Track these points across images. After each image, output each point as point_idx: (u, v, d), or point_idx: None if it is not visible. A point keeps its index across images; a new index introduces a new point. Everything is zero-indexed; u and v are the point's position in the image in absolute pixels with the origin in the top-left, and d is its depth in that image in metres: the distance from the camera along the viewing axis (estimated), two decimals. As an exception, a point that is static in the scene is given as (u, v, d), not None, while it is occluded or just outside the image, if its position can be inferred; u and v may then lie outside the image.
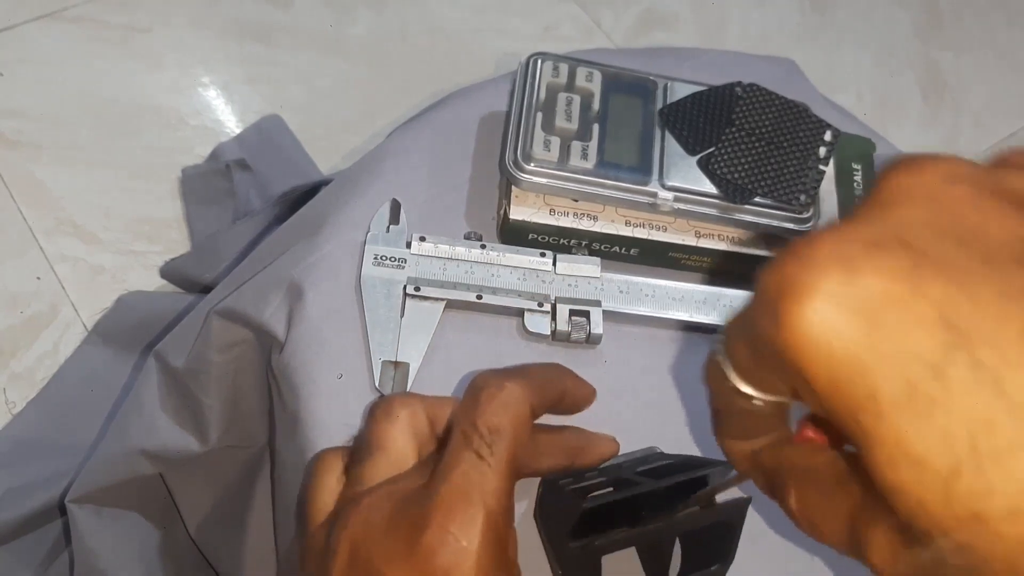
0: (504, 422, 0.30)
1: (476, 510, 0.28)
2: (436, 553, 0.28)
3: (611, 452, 0.38)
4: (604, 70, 0.46)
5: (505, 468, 0.29)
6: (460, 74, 1.06)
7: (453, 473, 0.29)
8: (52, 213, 0.91)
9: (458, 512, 0.28)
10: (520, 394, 0.31)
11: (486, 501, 0.28)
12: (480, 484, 0.29)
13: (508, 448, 0.30)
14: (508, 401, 0.31)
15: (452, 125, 0.48)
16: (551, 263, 0.43)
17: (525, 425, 0.31)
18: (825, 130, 0.45)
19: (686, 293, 0.43)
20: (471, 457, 0.29)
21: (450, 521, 0.28)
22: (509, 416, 0.30)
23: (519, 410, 0.31)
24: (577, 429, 0.37)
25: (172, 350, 0.49)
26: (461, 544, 0.28)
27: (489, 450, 0.29)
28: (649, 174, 0.43)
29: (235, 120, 1.01)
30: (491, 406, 0.30)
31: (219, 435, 0.48)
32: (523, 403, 0.31)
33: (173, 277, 0.89)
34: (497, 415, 0.30)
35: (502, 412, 0.30)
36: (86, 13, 1.05)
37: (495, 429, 0.30)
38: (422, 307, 0.41)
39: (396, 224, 0.43)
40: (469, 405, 0.31)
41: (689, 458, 0.38)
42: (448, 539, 0.28)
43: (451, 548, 0.28)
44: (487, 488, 0.29)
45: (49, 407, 0.80)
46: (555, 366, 0.36)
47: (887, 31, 1.30)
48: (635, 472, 0.36)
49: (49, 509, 0.69)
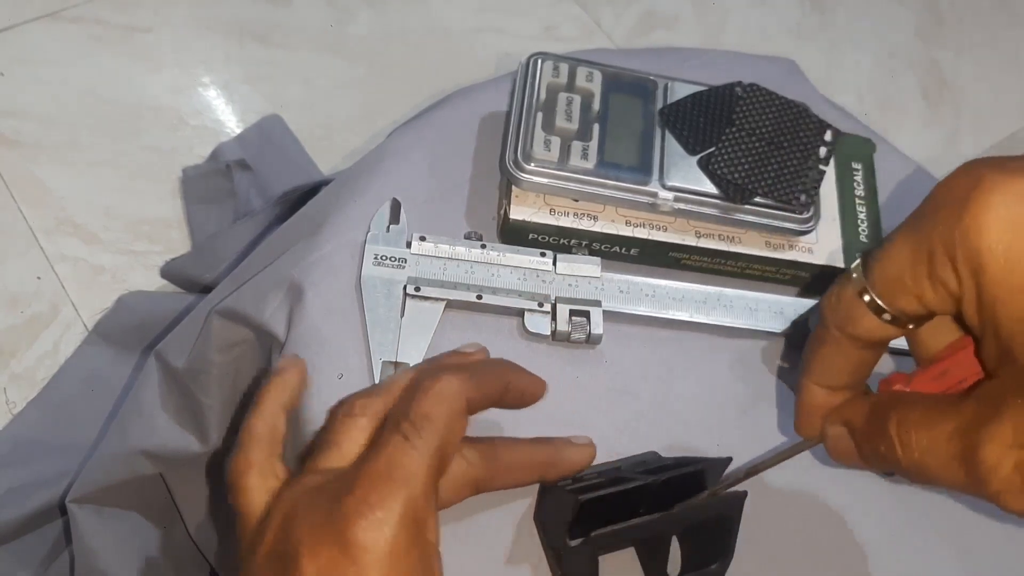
0: (436, 411, 0.31)
1: (396, 487, 0.29)
2: (351, 523, 0.28)
3: (585, 460, 0.38)
4: (604, 70, 0.46)
5: (430, 454, 0.30)
6: (460, 74, 1.06)
7: (379, 454, 0.30)
8: (52, 213, 0.91)
9: (377, 488, 0.29)
10: (456, 386, 0.32)
11: (407, 481, 0.29)
12: (403, 465, 0.30)
13: (436, 435, 0.31)
14: (443, 392, 0.32)
15: (452, 125, 0.48)
16: (551, 263, 0.43)
17: (458, 416, 0.32)
18: (825, 130, 0.45)
19: (686, 293, 0.43)
20: (398, 440, 0.30)
21: (369, 495, 0.29)
22: (442, 406, 0.31)
23: (453, 402, 0.32)
24: (547, 441, 0.38)
25: (172, 350, 0.49)
26: (376, 515, 0.28)
27: (417, 434, 0.30)
28: (649, 174, 0.43)
29: (235, 120, 1.01)
30: (425, 396, 0.31)
31: (219, 435, 0.48)
32: (458, 396, 0.32)
33: (173, 277, 0.89)
34: (429, 404, 0.31)
35: (435, 401, 0.31)
36: (86, 13, 1.05)
37: (424, 416, 0.31)
38: (422, 307, 0.41)
39: (396, 224, 0.43)
40: (406, 394, 0.32)
41: (686, 458, 0.38)
42: (364, 510, 0.29)
43: (367, 520, 0.28)
44: (409, 469, 0.30)
45: (49, 407, 0.80)
46: (499, 361, 0.37)
47: (887, 31, 1.30)
48: (637, 472, 0.36)
49: (49, 509, 0.69)
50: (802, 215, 0.44)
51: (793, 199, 0.43)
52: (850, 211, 0.47)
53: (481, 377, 0.34)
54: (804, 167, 0.44)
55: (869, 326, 0.27)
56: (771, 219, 0.44)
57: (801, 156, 0.44)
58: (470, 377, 0.33)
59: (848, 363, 0.29)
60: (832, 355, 0.29)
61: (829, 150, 0.45)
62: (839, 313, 0.27)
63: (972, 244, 0.23)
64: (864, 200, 0.48)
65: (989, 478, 0.23)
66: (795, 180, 0.44)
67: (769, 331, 0.44)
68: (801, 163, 0.44)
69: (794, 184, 0.44)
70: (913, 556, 0.40)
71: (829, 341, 0.28)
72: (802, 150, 0.44)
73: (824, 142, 0.45)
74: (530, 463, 0.37)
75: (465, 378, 0.32)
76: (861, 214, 0.47)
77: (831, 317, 0.28)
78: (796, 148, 0.44)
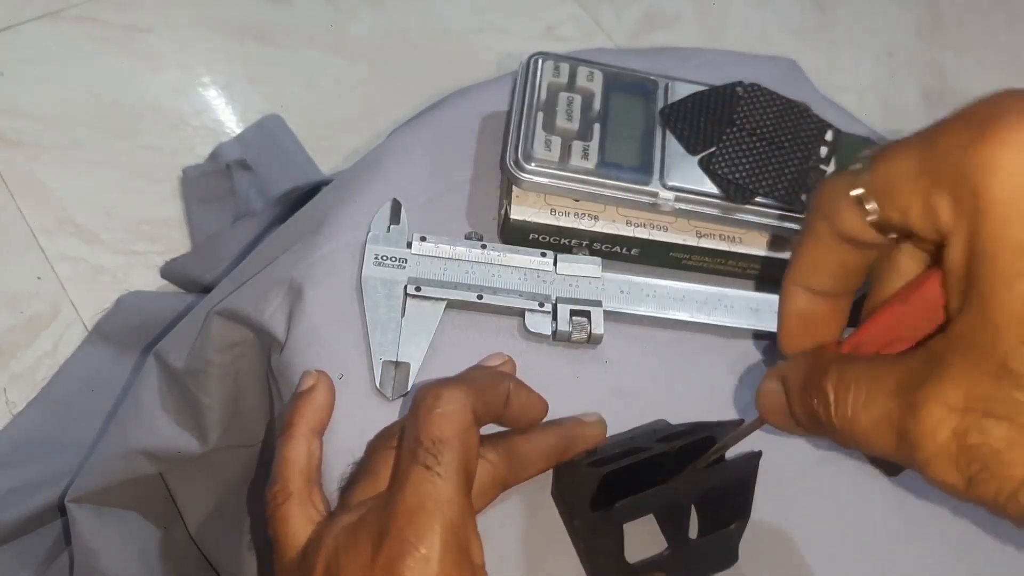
0: (446, 431, 0.30)
1: (432, 520, 0.29)
2: (396, 563, 0.28)
3: (598, 436, 0.38)
4: (605, 70, 0.46)
5: (456, 476, 0.30)
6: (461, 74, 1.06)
7: (405, 488, 0.30)
8: (53, 213, 0.91)
9: (415, 523, 0.29)
10: (459, 401, 0.31)
11: (442, 510, 0.29)
12: (433, 495, 0.29)
13: (456, 456, 0.30)
14: (447, 410, 0.31)
15: (453, 125, 0.48)
16: (552, 263, 0.43)
17: (469, 431, 0.31)
18: (826, 130, 0.45)
19: (687, 293, 0.43)
20: (419, 470, 0.30)
21: (408, 532, 0.28)
22: (451, 425, 0.31)
23: (460, 417, 0.31)
24: (559, 424, 0.38)
25: (172, 350, 0.49)
26: (421, 552, 0.28)
27: (436, 460, 0.30)
28: (650, 174, 0.43)
29: (236, 120, 1.01)
30: (431, 417, 0.31)
31: (219, 435, 0.48)
32: (463, 410, 0.31)
33: (173, 277, 0.89)
34: (438, 425, 0.30)
35: (443, 422, 0.31)
36: (87, 13, 1.05)
37: (439, 439, 0.30)
38: (423, 307, 0.41)
39: (397, 224, 0.43)
40: (411, 420, 0.32)
41: (696, 424, 0.38)
42: (407, 548, 0.28)
43: (412, 558, 0.28)
44: (441, 498, 0.29)
45: (49, 407, 0.80)
46: (495, 371, 0.37)
47: (888, 31, 1.30)
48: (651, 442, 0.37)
49: (49, 509, 0.69)
50: (803, 215, 0.44)
51: (794, 199, 0.43)
52: (851, 211, 0.47)
53: (481, 388, 0.33)
54: (805, 167, 0.44)
55: (850, 221, 0.24)
56: (772, 219, 0.44)
57: (802, 156, 0.44)
58: (468, 387, 0.32)
59: (829, 260, 0.26)
60: (813, 249, 0.26)
61: (830, 150, 0.45)
62: (825, 199, 0.25)
63: (978, 181, 0.20)
64: (865, 200, 0.48)
65: (921, 443, 0.21)
66: (796, 180, 0.44)
67: (770, 331, 0.44)
68: (802, 163, 0.44)
69: (795, 184, 0.44)
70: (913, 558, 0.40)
71: (812, 233, 0.26)
72: (803, 150, 0.44)
73: (825, 142, 0.45)
74: (548, 450, 0.37)
75: (465, 391, 0.32)
76: (862, 214, 0.47)
77: (817, 203, 0.25)
78: (797, 148, 0.44)
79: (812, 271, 0.27)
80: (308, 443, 0.35)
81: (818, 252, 0.26)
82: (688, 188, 0.43)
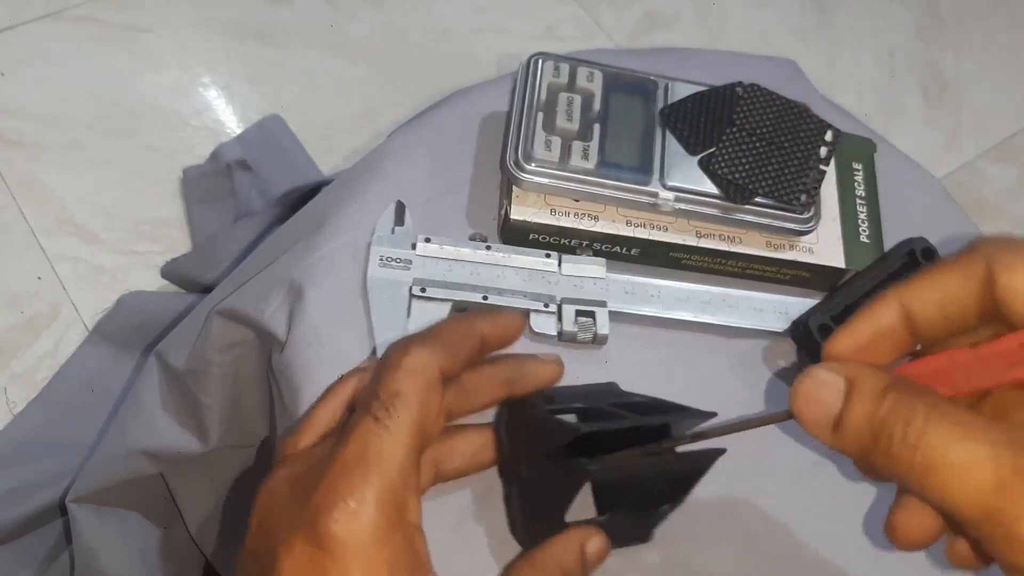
0: (406, 387, 0.29)
1: (369, 473, 0.28)
2: (323, 515, 0.27)
3: (552, 376, 0.36)
4: (605, 70, 0.46)
5: (405, 432, 0.29)
6: (461, 74, 1.06)
7: (350, 439, 0.29)
8: (53, 213, 0.91)
9: (349, 475, 0.28)
10: (425, 358, 0.30)
11: (381, 465, 0.28)
12: (376, 448, 0.28)
13: (409, 412, 0.29)
14: (412, 366, 0.30)
15: (453, 125, 0.48)
16: (556, 264, 0.43)
17: (431, 389, 0.30)
18: (826, 130, 0.45)
19: (691, 294, 0.43)
20: (368, 422, 0.29)
21: (340, 484, 0.27)
22: (411, 381, 0.30)
23: (424, 375, 0.30)
24: (511, 358, 0.36)
25: (173, 350, 0.49)
26: (349, 506, 0.27)
27: (388, 414, 0.29)
28: (650, 174, 0.43)
29: (236, 120, 1.02)
30: (394, 373, 0.30)
31: (219, 435, 0.48)
32: (429, 367, 0.30)
33: (174, 277, 0.89)
34: (398, 381, 0.30)
35: (405, 377, 0.30)
36: (87, 13, 1.05)
37: (395, 394, 0.29)
38: (428, 308, 0.41)
39: (401, 226, 0.43)
40: (375, 373, 0.31)
41: (654, 400, 0.37)
42: (336, 501, 0.27)
43: (340, 510, 0.27)
44: (382, 452, 0.28)
45: (50, 407, 0.80)
46: (466, 317, 0.35)
47: (888, 31, 1.30)
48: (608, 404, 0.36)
49: (49, 509, 0.69)
50: (803, 215, 0.44)
51: (794, 199, 0.44)
52: (851, 211, 0.47)
53: (451, 340, 0.32)
54: (805, 167, 0.44)
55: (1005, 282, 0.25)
56: (772, 219, 0.44)
57: (802, 156, 0.44)
58: (439, 343, 0.31)
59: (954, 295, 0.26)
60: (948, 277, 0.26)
61: (830, 150, 0.45)
62: (997, 248, 0.25)
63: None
64: (865, 200, 0.48)
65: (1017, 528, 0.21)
66: (796, 180, 0.44)
67: (773, 331, 0.44)
68: (802, 163, 0.44)
69: (795, 184, 0.44)
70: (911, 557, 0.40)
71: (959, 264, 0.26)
72: (803, 150, 0.44)
73: (825, 142, 0.45)
74: (498, 383, 0.35)
75: (434, 346, 0.31)
76: (862, 214, 0.47)
77: (984, 245, 0.25)
78: (797, 148, 0.44)
79: (929, 294, 0.27)
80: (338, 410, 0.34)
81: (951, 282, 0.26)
82: (688, 188, 0.43)
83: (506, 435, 0.36)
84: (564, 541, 0.33)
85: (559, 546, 0.33)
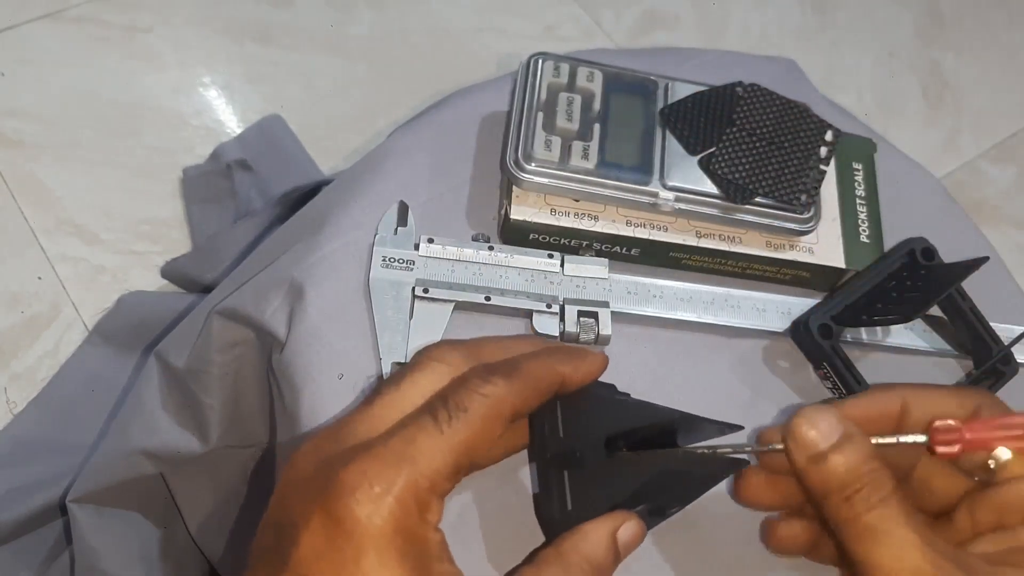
0: (476, 409, 0.29)
1: (403, 466, 0.27)
2: (347, 493, 0.27)
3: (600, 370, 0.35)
4: (605, 70, 0.46)
5: (456, 444, 0.28)
6: (461, 74, 1.06)
7: (403, 431, 0.29)
8: (53, 213, 0.91)
9: (384, 463, 0.27)
10: (503, 394, 0.30)
11: (416, 461, 0.28)
12: (421, 446, 0.28)
13: (467, 429, 0.29)
14: (488, 394, 0.30)
15: (453, 125, 0.48)
16: (559, 265, 0.43)
17: (495, 422, 0.30)
18: (826, 130, 0.45)
19: (694, 294, 0.43)
20: (426, 421, 0.29)
21: (372, 467, 0.27)
22: (484, 408, 0.30)
23: (497, 408, 0.30)
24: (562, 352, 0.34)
25: (173, 350, 0.49)
26: (374, 490, 0.27)
27: (447, 422, 0.29)
28: (650, 174, 0.43)
29: (236, 120, 1.02)
30: (470, 393, 0.30)
31: (220, 435, 0.48)
32: (503, 404, 0.30)
33: (174, 277, 0.89)
34: (471, 401, 0.30)
35: (478, 401, 0.30)
36: (87, 13, 1.05)
37: (463, 409, 0.29)
38: (431, 308, 0.41)
39: (404, 226, 0.43)
40: (452, 385, 0.31)
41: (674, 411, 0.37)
42: (362, 482, 0.27)
43: (363, 492, 0.27)
44: (426, 454, 0.28)
45: (50, 407, 0.80)
46: (553, 356, 0.33)
47: (887, 31, 1.30)
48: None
49: (50, 509, 0.69)
50: (803, 215, 0.44)
51: (794, 199, 0.44)
52: (851, 211, 0.47)
53: (532, 380, 0.32)
54: (805, 167, 0.44)
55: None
56: (772, 219, 0.44)
57: (802, 156, 0.44)
58: (521, 383, 0.31)
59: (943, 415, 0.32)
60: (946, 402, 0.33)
61: (830, 150, 0.45)
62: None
63: None
64: (865, 200, 0.48)
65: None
66: (796, 180, 0.44)
67: (774, 331, 0.44)
68: (802, 163, 0.44)
69: (795, 184, 0.44)
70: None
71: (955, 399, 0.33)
72: (803, 150, 0.44)
73: (825, 142, 0.45)
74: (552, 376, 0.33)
75: (514, 384, 0.31)
76: (862, 214, 0.47)
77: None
78: (797, 148, 0.44)
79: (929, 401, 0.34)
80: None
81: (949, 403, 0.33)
82: (688, 188, 0.43)
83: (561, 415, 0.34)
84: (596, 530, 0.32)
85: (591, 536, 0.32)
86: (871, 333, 0.44)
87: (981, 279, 0.44)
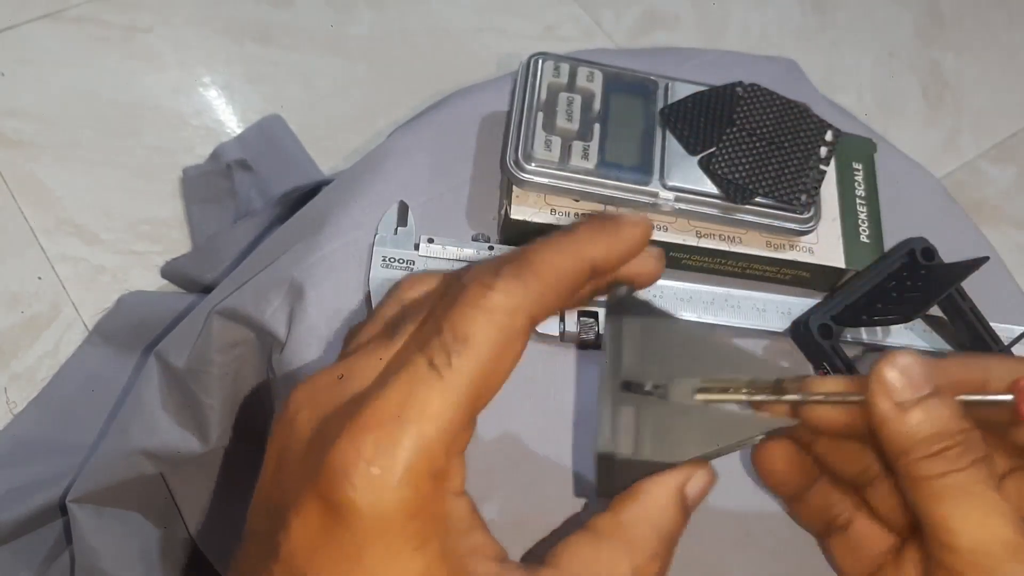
0: (481, 333, 0.23)
1: (403, 433, 0.22)
2: (340, 478, 0.21)
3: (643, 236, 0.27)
4: (605, 70, 0.46)
5: (463, 388, 0.22)
6: (461, 74, 1.06)
7: (394, 381, 0.23)
8: (53, 213, 0.91)
9: (378, 432, 0.22)
10: (515, 301, 0.23)
11: (421, 425, 0.22)
12: (421, 402, 0.22)
13: (476, 366, 0.23)
14: (495, 307, 0.23)
15: (453, 125, 0.48)
16: (555, 263, 0.43)
17: (513, 340, 0.23)
18: (826, 130, 0.45)
19: (693, 294, 0.43)
20: (419, 365, 0.23)
21: (365, 441, 0.22)
22: (492, 328, 0.23)
23: (510, 321, 0.23)
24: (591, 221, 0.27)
25: (173, 350, 0.49)
26: (372, 472, 0.21)
27: (446, 362, 0.22)
28: (650, 174, 0.43)
29: (236, 120, 1.02)
30: (470, 309, 0.23)
31: (220, 435, 0.48)
32: (517, 314, 0.23)
33: (174, 277, 0.89)
34: (474, 322, 0.23)
35: (483, 320, 0.23)
36: (87, 13, 1.05)
37: (464, 338, 0.23)
38: (427, 308, 0.41)
39: (404, 226, 0.43)
40: (447, 298, 0.24)
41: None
42: (357, 462, 0.21)
43: (359, 475, 0.21)
44: (427, 409, 0.22)
45: (50, 407, 0.80)
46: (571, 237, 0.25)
47: (887, 31, 1.30)
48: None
49: (50, 509, 0.69)
50: (803, 215, 0.44)
51: (794, 199, 0.44)
52: (851, 211, 0.47)
53: (552, 275, 0.24)
54: (805, 167, 0.44)
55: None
56: (772, 219, 0.44)
57: (802, 156, 0.44)
58: (536, 280, 0.24)
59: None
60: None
61: (830, 150, 0.45)
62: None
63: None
64: (865, 200, 0.48)
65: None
66: (796, 180, 0.44)
67: (774, 331, 0.44)
68: (802, 163, 0.44)
69: (795, 184, 0.44)
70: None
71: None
72: (803, 150, 0.44)
73: (825, 142, 0.45)
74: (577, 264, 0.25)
75: (529, 284, 0.23)
76: (862, 214, 0.47)
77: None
78: (797, 148, 0.44)
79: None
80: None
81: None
82: (688, 188, 0.43)
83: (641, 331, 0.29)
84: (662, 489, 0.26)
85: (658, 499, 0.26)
86: (871, 333, 0.44)
87: (981, 279, 0.44)
